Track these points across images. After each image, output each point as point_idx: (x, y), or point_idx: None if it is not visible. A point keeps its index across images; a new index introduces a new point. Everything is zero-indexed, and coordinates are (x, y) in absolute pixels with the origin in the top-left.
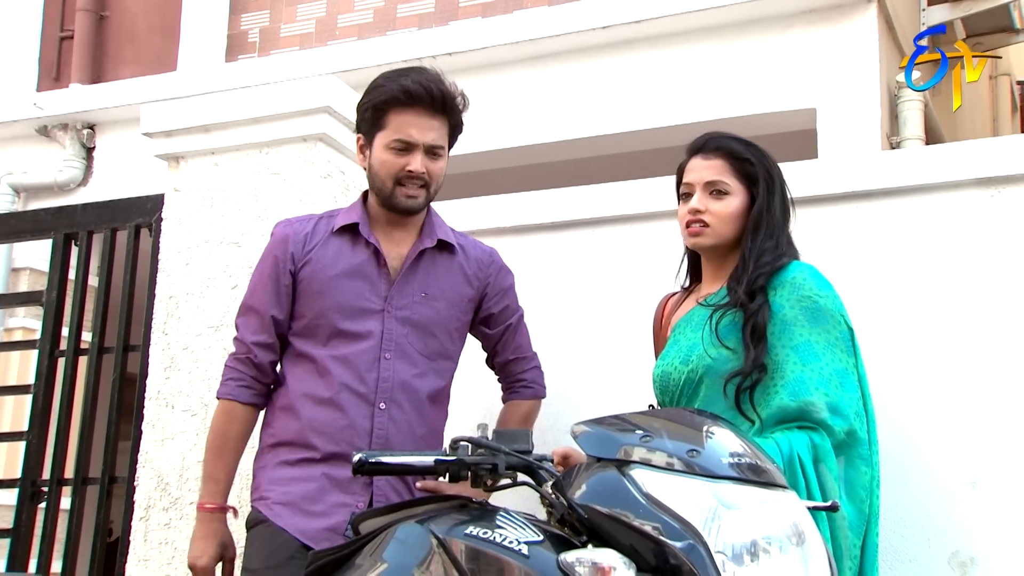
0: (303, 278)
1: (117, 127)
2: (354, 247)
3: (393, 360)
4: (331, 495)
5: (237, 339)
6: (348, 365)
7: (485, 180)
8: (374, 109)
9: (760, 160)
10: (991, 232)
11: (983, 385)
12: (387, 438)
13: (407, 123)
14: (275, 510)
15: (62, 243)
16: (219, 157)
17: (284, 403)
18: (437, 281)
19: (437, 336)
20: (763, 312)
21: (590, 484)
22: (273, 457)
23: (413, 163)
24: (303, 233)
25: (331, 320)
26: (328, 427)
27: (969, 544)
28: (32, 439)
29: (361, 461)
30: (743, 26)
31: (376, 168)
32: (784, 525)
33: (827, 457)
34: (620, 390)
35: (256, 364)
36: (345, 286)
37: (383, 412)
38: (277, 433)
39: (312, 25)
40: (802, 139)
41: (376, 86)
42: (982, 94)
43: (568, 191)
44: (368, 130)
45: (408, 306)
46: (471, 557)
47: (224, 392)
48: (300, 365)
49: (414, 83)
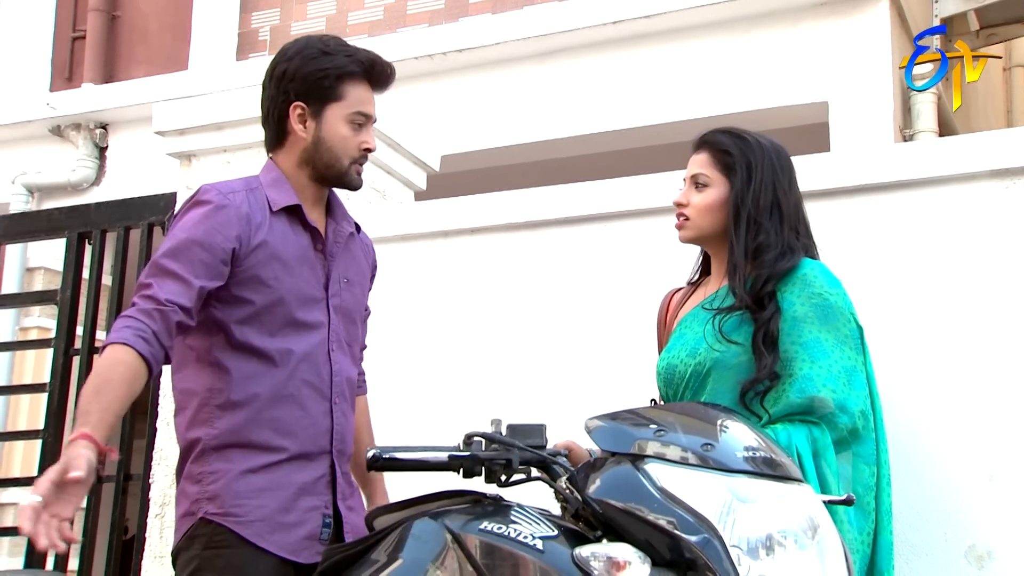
0: (251, 263)
1: (130, 126)
2: (293, 229)
3: (336, 352)
4: (302, 500)
5: (145, 295)
6: (306, 359)
7: (497, 176)
8: (335, 78)
9: (742, 150)
10: (1006, 224)
11: (999, 378)
12: (342, 433)
13: (365, 97)
14: (253, 528)
15: (76, 242)
16: (231, 155)
17: (228, 399)
18: (353, 266)
19: (356, 323)
20: (775, 320)
21: (604, 478)
22: (225, 462)
23: (370, 140)
24: (243, 210)
25: (285, 309)
26: (293, 426)
27: (986, 538)
28: (48, 437)
29: (375, 457)
30: (754, 20)
31: (331, 142)
32: (799, 519)
33: (826, 451)
34: (624, 384)
35: (167, 320)
36: (297, 273)
37: (337, 407)
38: (222, 433)
39: (323, 23)
40: (814, 133)
41: (323, 53)
42: (996, 85)
43: (581, 186)
44: (317, 100)
45: (338, 293)
46: (486, 552)
47: (116, 338)
48: (245, 357)
49: (373, 57)
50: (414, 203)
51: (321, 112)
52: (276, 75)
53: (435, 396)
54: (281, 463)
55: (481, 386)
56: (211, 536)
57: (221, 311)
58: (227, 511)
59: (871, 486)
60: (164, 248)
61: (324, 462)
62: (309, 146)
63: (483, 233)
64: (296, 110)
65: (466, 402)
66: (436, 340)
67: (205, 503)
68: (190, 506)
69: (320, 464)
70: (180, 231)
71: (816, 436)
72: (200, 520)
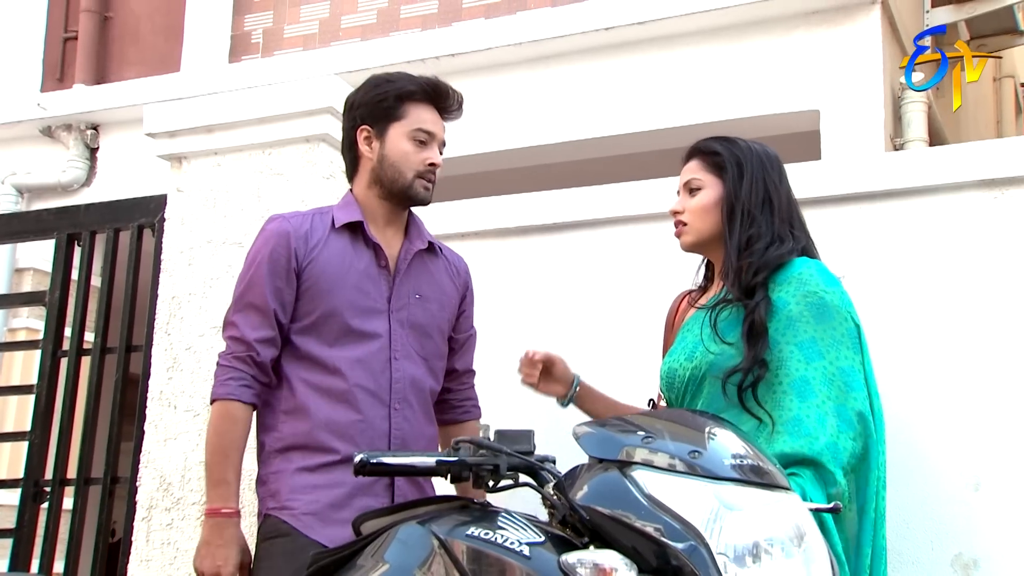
0: (309, 276)
1: (121, 128)
2: (355, 246)
3: (402, 360)
4: (357, 499)
5: (234, 337)
6: (362, 365)
7: (488, 181)
8: (396, 99)
9: (730, 150)
10: (994, 234)
11: (987, 387)
12: (403, 438)
13: (427, 117)
14: (304, 521)
15: (65, 243)
16: (222, 158)
17: (291, 405)
18: (428, 282)
19: (432, 337)
20: (761, 308)
21: (592, 485)
22: (286, 462)
23: (434, 156)
24: (303, 230)
25: (341, 319)
26: (347, 428)
27: (972, 546)
28: (35, 439)
29: (363, 462)
30: (746, 28)
31: (394, 159)
32: (786, 527)
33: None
34: (616, 389)
35: (258, 362)
36: (353, 285)
37: (398, 412)
38: (285, 437)
39: (315, 26)
40: (806, 141)
41: (386, 80)
42: (986, 95)
43: (571, 192)
44: (380, 120)
45: (405, 307)
46: (472, 558)
47: (224, 392)
48: (306, 366)
49: (435, 81)
50: None
51: (385, 132)
52: (346, 107)
53: None
54: (336, 463)
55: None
56: (271, 529)
57: (291, 325)
58: (283, 505)
59: (875, 488)
60: (241, 281)
61: None
62: (376, 165)
63: (473, 238)
64: (363, 133)
65: None
66: None
67: (268, 500)
68: (260, 507)
69: None
70: (250, 262)
71: (807, 490)
72: (264, 516)
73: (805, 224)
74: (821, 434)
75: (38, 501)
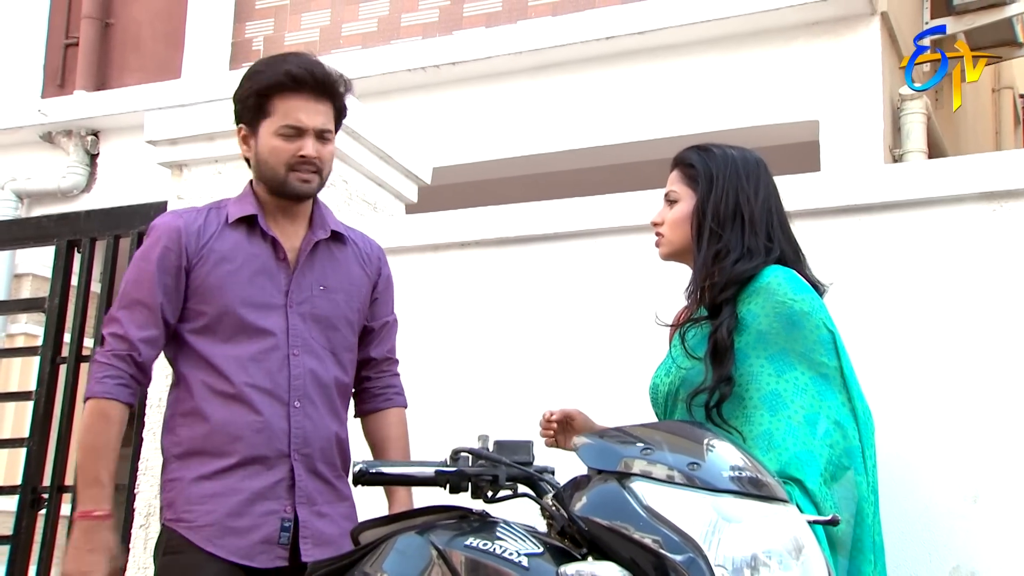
0: (200, 273)
1: (121, 134)
2: (251, 239)
3: (302, 356)
4: (257, 505)
5: (116, 335)
6: (257, 363)
7: (488, 190)
8: (257, 96)
9: (705, 162)
10: (993, 246)
11: (985, 400)
12: (305, 437)
13: (294, 108)
14: (203, 533)
15: (65, 250)
16: (222, 165)
17: (187, 408)
18: (334, 273)
19: (339, 329)
20: (724, 328)
21: (590, 496)
22: (184, 469)
23: (305, 147)
24: (196, 225)
25: (234, 317)
26: (243, 430)
27: (971, 559)
28: (33, 446)
29: (362, 471)
30: (747, 38)
31: (265, 156)
32: (784, 539)
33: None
34: (612, 399)
35: (138, 363)
36: (247, 280)
37: (299, 410)
38: (183, 441)
39: (316, 33)
40: (805, 151)
41: (254, 72)
42: (985, 107)
43: (571, 202)
44: (251, 118)
45: (308, 300)
46: (471, 568)
47: (101, 391)
48: (202, 366)
49: (297, 67)
50: (405, 216)
51: (256, 130)
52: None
53: (423, 410)
54: (234, 468)
55: (469, 401)
56: (168, 542)
57: (180, 324)
58: (179, 517)
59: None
60: (128, 278)
61: (283, 466)
62: (255, 162)
63: (473, 247)
64: (240, 132)
65: (454, 416)
66: (425, 354)
67: (165, 510)
68: (159, 515)
69: (279, 468)
70: (139, 260)
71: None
72: (162, 527)
73: (790, 231)
74: (790, 445)
75: (36, 508)
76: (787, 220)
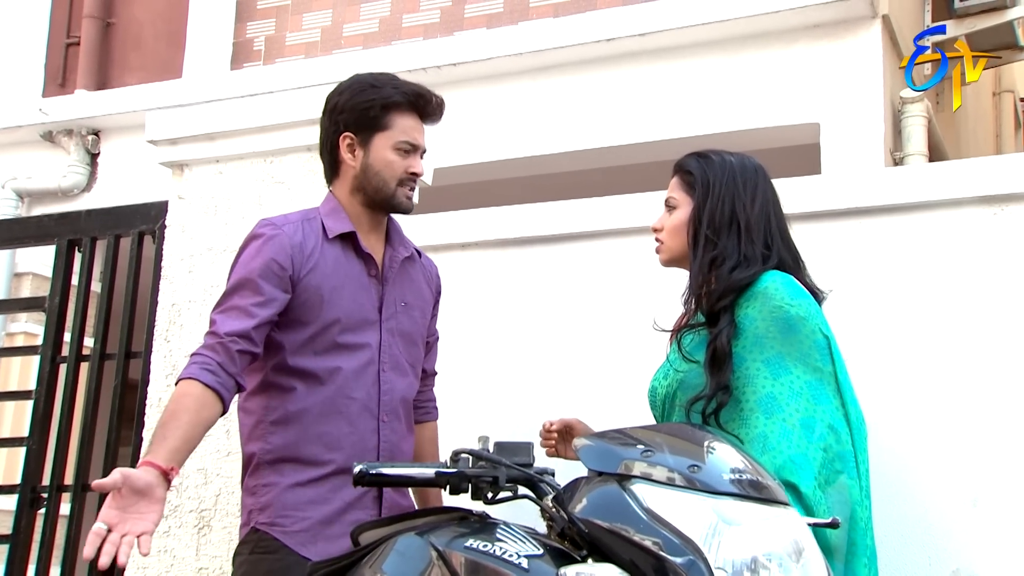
0: (307, 286)
1: (122, 133)
2: (347, 255)
3: (390, 372)
4: (347, 515)
5: (209, 333)
6: (355, 376)
7: (488, 191)
8: (381, 108)
9: (703, 169)
10: (994, 250)
11: (985, 403)
12: (391, 451)
13: (411, 126)
14: (296, 538)
15: (65, 249)
16: (223, 165)
17: (281, 415)
18: (411, 290)
19: (417, 345)
20: (723, 336)
21: (591, 498)
22: (277, 475)
23: (416, 165)
24: (297, 239)
25: (337, 330)
26: (340, 441)
27: (970, 562)
28: (32, 445)
29: (362, 472)
30: (747, 40)
31: (378, 168)
32: (785, 542)
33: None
34: (613, 400)
35: (228, 349)
36: (349, 296)
37: (387, 424)
38: (275, 448)
39: (317, 34)
40: (805, 154)
41: (370, 86)
42: (986, 110)
43: (572, 203)
44: (365, 129)
45: (394, 316)
46: (471, 570)
47: (185, 374)
48: (297, 377)
49: (418, 90)
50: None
51: (369, 141)
52: (328, 109)
53: None
54: (328, 476)
55: (470, 402)
56: (258, 543)
57: (280, 335)
58: (274, 521)
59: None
60: (228, 285)
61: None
62: (359, 173)
63: (474, 248)
64: (346, 140)
65: (455, 418)
66: None
67: (257, 513)
68: (246, 517)
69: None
70: (240, 267)
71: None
72: (251, 529)
73: (789, 238)
74: (785, 449)
75: (35, 507)
76: (787, 227)
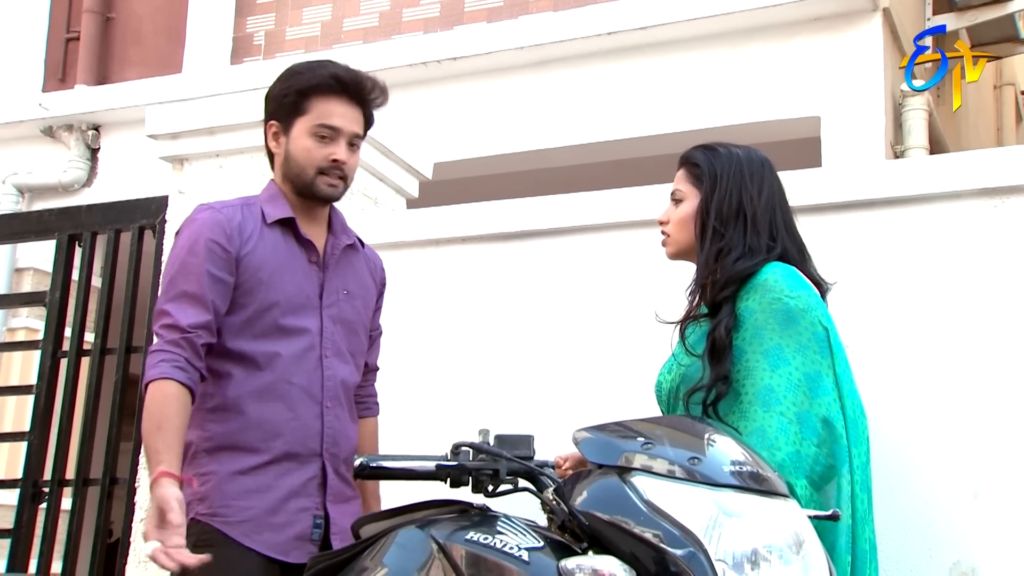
0: (246, 267)
1: (122, 128)
2: (287, 241)
3: (332, 358)
4: (291, 502)
5: (167, 325)
6: (297, 362)
7: (489, 185)
8: (298, 94)
9: (710, 161)
10: (995, 242)
11: (986, 396)
12: (334, 437)
13: (332, 111)
14: (241, 528)
15: (66, 244)
16: (223, 160)
17: (219, 402)
18: (354, 279)
19: (359, 334)
20: (722, 326)
21: (591, 491)
22: (216, 464)
23: (338, 152)
24: (235, 221)
25: (275, 314)
26: (281, 427)
27: (971, 555)
28: (34, 440)
29: (363, 465)
30: (748, 34)
31: (295, 155)
32: (785, 534)
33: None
34: (614, 394)
35: (193, 344)
36: (289, 280)
37: (330, 411)
38: (215, 436)
39: (317, 28)
40: (806, 147)
41: (295, 72)
42: (987, 103)
43: (573, 197)
44: (286, 115)
45: (335, 303)
46: (472, 562)
47: (157, 374)
48: (235, 362)
49: (342, 71)
50: (406, 211)
51: (290, 128)
52: (264, 100)
53: (425, 405)
54: (269, 464)
55: (471, 395)
56: (199, 535)
57: (225, 319)
58: (215, 512)
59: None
60: (171, 271)
61: (315, 464)
62: (283, 161)
63: (475, 242)
64: (271, 128)
65: (455, 411)
66: (427, 349)
67: (196, 504)
68: (194, 511)
69: (311, 466)
70: (181, 251)
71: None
72: (191, 520)
73: (795, 230)
74: (784, 444)
75: (36, 501)
76: (792, 219)
